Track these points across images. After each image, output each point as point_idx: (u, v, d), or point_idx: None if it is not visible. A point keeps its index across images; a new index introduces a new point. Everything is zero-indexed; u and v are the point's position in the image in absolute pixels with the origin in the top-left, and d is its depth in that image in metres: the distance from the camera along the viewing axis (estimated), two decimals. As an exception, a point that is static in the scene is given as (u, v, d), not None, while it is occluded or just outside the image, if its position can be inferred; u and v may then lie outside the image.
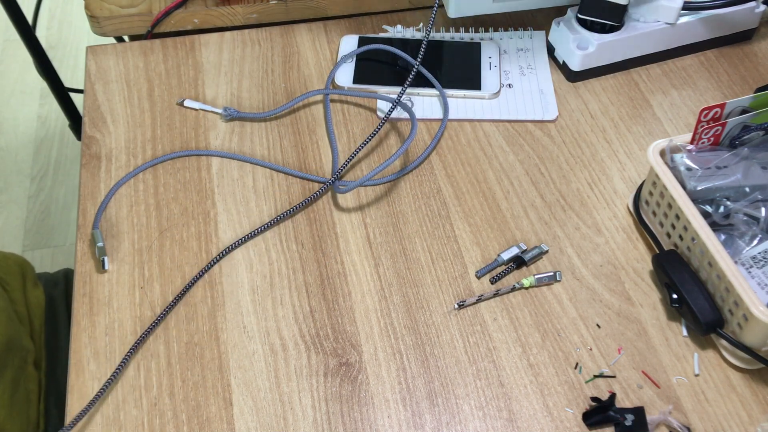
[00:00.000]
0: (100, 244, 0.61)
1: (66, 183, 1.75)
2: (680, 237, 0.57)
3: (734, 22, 0.74)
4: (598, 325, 0.57)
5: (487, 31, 0.77)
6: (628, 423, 0.52)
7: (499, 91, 0.70)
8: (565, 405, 0.54)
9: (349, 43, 0.75)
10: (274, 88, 0.73)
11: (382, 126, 0.64)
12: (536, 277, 0.59)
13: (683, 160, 0.57)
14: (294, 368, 0.55)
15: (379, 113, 0.70)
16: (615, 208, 0.64)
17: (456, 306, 0.58)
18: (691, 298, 0.54)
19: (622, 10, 0.70)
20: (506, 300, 0.59)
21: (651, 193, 0.60)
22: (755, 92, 0.70)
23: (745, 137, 0.59)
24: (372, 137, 0.65)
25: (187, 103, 0.70)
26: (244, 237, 0.62)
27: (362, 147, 0.65)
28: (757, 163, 0.57)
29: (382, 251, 0.61)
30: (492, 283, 0.60)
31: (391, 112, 0.65)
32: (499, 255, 0.61)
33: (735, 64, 0.75)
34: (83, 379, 0.55)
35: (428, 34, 0.55)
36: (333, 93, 0.71)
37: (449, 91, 0.71)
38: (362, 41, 0.75)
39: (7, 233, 1.68)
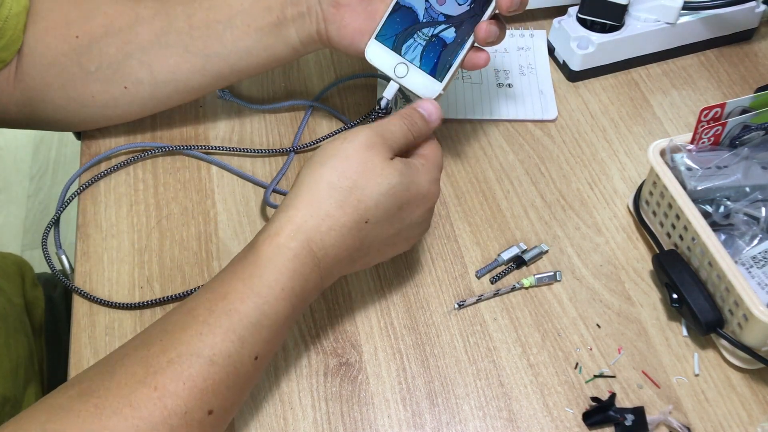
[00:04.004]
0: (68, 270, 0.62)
1: (65, 182, 1.75)
2: (680, 237, 0.57)
3: (734, 22, 0.74)
4: (598, 325, 0.57)
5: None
6: (628, 423, 0.52)
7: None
8: (565, 405, 0.54)
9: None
10: (275, 87, 0.73)
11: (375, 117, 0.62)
12: (536, 277, 0.59)
13: (683, 160, 0.57)
14: (294, 368, 0.55)
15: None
16: (615, 208, 0.64)
17: (456, 306, 0.58)
18: (691, 298, 0.54)
19: (622, 9, 0.70)
20: (506, 300, 0.59)
21: (651, 193, 0.60)
22: (755, 92, 0.70)
23: (745, 137, 0.59)
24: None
25: None
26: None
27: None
28: (757, 163, 0.57)
29: (382, 251, 0.61)
30: (492, 283, 0.60)
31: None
32: (499, 255, 0.61)
33: (735, 64, 0.74)
34: (83, 379, 0.55)
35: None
36: (318, 106, 0.71)
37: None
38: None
39: (6, 232, 1.68)
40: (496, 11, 0.56)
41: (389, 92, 0.57)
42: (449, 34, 0.56)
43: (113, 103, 0.62)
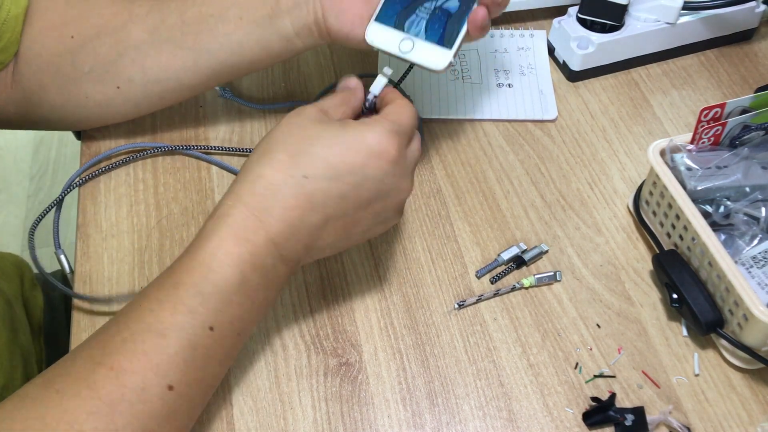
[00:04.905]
0: (67, 272, 0.61)
1: (65, 182, 1.75)
2: (680, 237, 0.57)
3: (734, 22, 0.74)
4: (598, 325, 0.57)
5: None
6: (628, 423, 0.52)
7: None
8: (565, 405, 0.54)
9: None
10: (275, 88, 0.73)
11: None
12: (536, 277, 0.59)
13: (683, 160, 0.57)
14: (294, 368, 0.55)
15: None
16: (615, 208, 0.64)
17: (456, 306, 0.58)
18: (691, 298, 0.54)
19: (622, 9, 0.70)
20: (506, 300, 0.59)
21: (651, 193, 0.60)
22: (755, 92, 0.70)
23: (745, 137, 0.59)
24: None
25: None
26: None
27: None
28: (757, 163, 0.57)
29: (382, 251, 0.61)
30: (492, 283, 0.60)
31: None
32: (499, 255, 0.61)
33: (735, 64, 0.75)
34: (83, 379, 0.55)
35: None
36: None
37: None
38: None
39: (6, 232, 1.68)
40: None
41: (376, 88, 0.55)
42: (452, 4, 0.55)
43: (107, 103, 0.62)
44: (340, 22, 0.56)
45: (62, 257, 0.62)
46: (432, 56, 0.54)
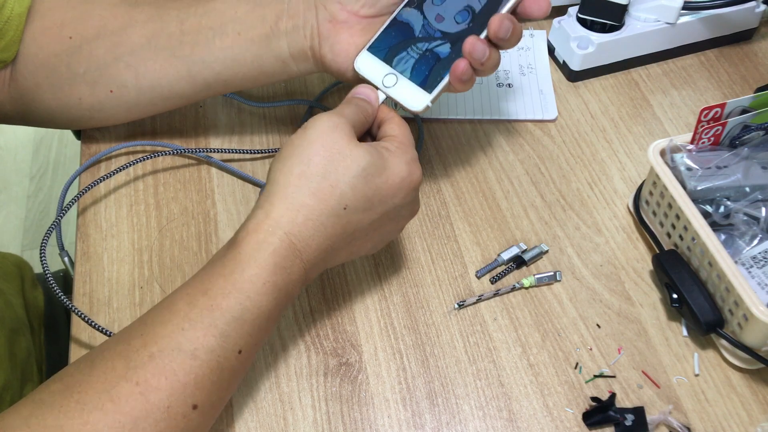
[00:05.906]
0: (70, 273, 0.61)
1: (65, 182, 1.75)
2: (680, 237, 0.57)
3: (734, 22, 0.74)
4: (598, 325, 0.57)
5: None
6: (628, 423, 0.52)
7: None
8: (565, 405, 0.54)
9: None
10: (274, 87, 0.73)
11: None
12: (536, 277, 0.59)
13: (683, 160, 0.57)
14: (294, 368, 0.55)
15: None
16: (615, 208, 0.64)
17: (456, 306, 0.58)
18: (691, 298, 0.54)
19: (623, 9, 0.70)
20: (506, 300, 0.59)
21: (651, 193, 0.60)
22: (755, 92, 0.70)
23: (745, 137, 0.59)
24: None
25: None
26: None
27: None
28: (757, 163, 0.57)
29: (382, 251, 0.61)
30: (492, 283, 0.60)
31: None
32: (499, 255, 0.61)
33: (735, 64, 0.75)
34: (83, 379, 0.55)
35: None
36: (317, 106, 0.71)
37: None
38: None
39: (6, 233, 1.68)
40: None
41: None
42: (444, 49, 0.55)
43: (99, 107, 0.62)
44: (333, 51, 0.56)
45: (65, 259, 0.62)
46: (411, 96, 0.54)
